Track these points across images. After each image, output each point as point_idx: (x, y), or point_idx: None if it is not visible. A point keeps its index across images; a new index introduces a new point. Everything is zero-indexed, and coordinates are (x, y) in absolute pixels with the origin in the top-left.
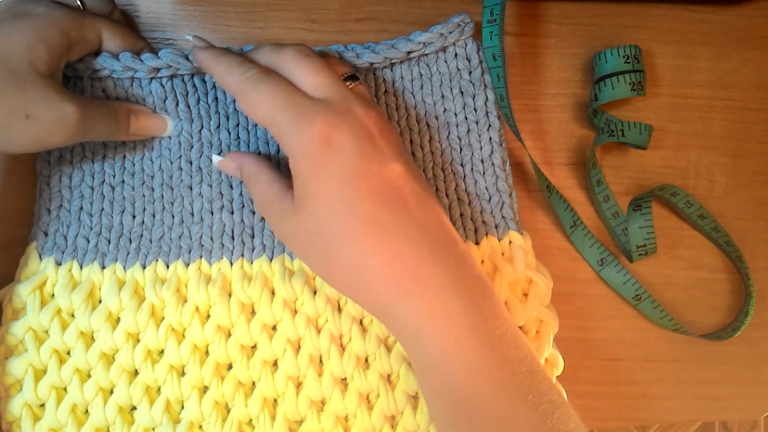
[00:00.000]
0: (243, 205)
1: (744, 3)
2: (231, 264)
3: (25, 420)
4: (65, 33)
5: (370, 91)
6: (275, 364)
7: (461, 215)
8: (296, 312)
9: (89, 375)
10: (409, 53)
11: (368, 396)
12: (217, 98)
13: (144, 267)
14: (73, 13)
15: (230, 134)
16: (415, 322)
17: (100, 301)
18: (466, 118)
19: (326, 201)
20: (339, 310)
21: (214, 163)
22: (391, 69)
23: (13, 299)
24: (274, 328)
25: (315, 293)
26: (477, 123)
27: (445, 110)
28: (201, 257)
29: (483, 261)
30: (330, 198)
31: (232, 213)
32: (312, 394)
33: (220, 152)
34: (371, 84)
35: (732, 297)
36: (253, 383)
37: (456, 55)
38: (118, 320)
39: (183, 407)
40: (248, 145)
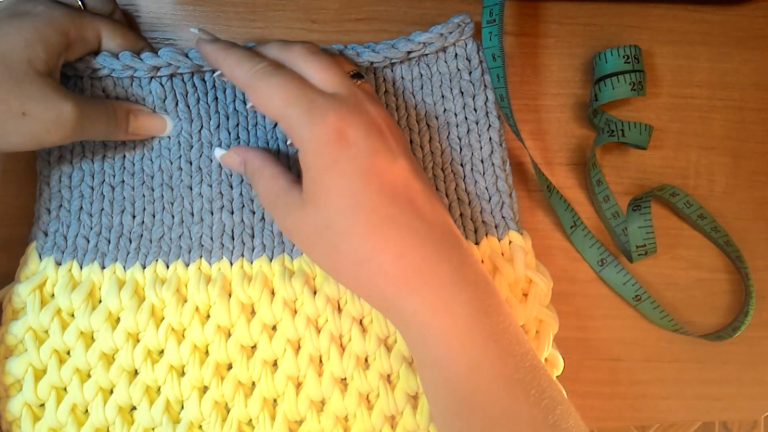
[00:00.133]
0: (243, 205)
1: (744, 3)
2: (231, 264)
3: (25, 420)
4: (64, 32)
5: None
6: (275, 364)
7: (461, 215)
8: (296, 312)
9: (89, 375)
10: (409, 53)
11: (368, 396)
12: (217, 98)
13: (144, 267)
14: (73, 13)
15: (230, 134)
16: (421, 316)
17: (100, 301)
18: (466, 118)
19: (337, 195)
20: (339, 310)
21: (217, 157)
22: (392, 69)
23: (13, 299)
24: (274, 328)
25: (315, 293)
26: (477, 123)
27: (445, 110)
28: (201, 257)
29: (483, 261)
30: (341, 192)
31: (232, 213)
32: (312, 394)
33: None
34: (371, 84)
35: (732, 297)
36: (253, 383)
37: (456, 56)
38: (118, 320)
39: (183, 407)
40: (248, 145)
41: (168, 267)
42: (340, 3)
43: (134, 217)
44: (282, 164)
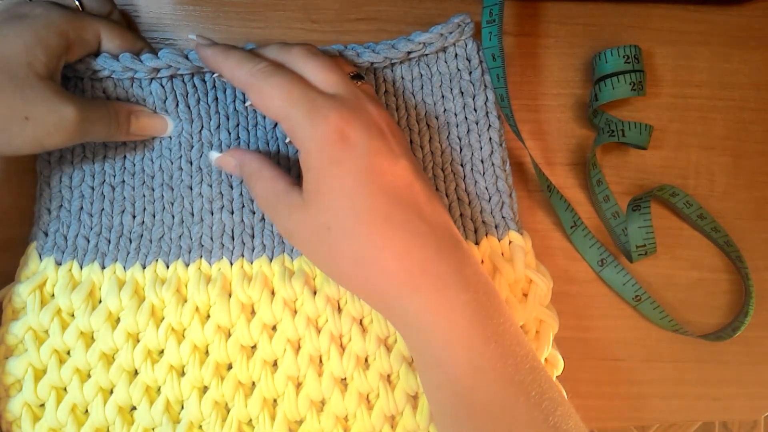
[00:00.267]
0: (243, 205)
1: (744, 3)
2: (231, 264)
3: (25, 420)
4: (63, 34)
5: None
6: (275, 364)
7: (461, 215)
8: (296, 312)
9: (89, 375)
10: (410, 53)
11: (368, 396)
12: (218, 98)
13: (144, 267)
14: (71, 14)
15: (230, 134)
16: (422, 317)
17: (100, 301)
18: (466, 119)
19: (339, 195)
20: (339, 311)
21: (212, 160)
22: (392, 69)
23: (13, 299)
24: (274, 328)
25: (315, 293)
26: (477, 123)
27: (445, 110)
28: (201, 257)
29: (483, 261)
30: (343, 193)
31: (232, 213)
32: (312, 394)
33: (220, 152)
34: (371, 84)
35: (732, 297)
36: (253, 383)
37: (456, 56)
38: (118, 320)
39: (183, 407)
40: (248, 145)
41: (168, 267)
42: (340, 3)
43: (134, 217)
44: (282, 166)
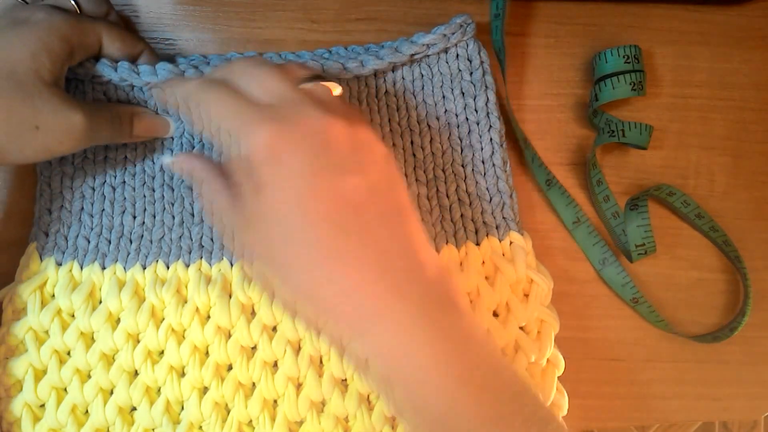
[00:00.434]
0: None
1: (744, 3)
2: (231, 265)
3: (26, 420)
4: (66, 39)
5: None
6: (275, 365)
7: (462, 216)
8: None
9: (89, 375)
10: (413, 56)
11: (368, 397)
12: None
13: (144, 268)
14: (72, 19)
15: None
16: (378, 361)
17: (101, 302)
18: (467, 119)
19: (273, 223)
20: None
21: (165, 165)
22: (393, 70)
23: (14, 299)
24: (275, 329)
25: None
26: (478, 124)
27: (446, 111)
28: (201, 258)
29: (484, 262)
30: (277, 219)
31: None
32: (312, 395)
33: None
34: (372, 85)
35: (732, 297)
36: (253, 384)
37: (457, 56)
38: (118, 321)
39: (183, 408)
40: None
41: (168, 268)
42: (340, 3)
43: (135, 218)
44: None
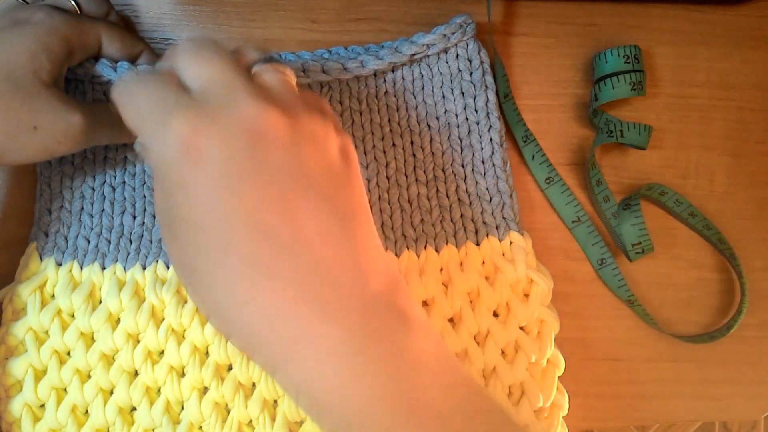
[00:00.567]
0: None
1: (744, 3)
2: None
3: (25, 420)
4: (66, 39)
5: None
6: None
7: (462, 216)
8: None
9: (89, 376)
10: (413, 56)
11: None
12: None
13: (144, 268)
14: (72, 19)
15: None
16: (306, 390)
17: (101, 302)
18: (467, 119)
19: (191, 230)
20: None
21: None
22: (392, 70)
23: (14, 300)
24: None
25: None
26: (478, 124)
27: (446, 111)
28: None
29: (484, 262)
30: (194, 226)
31: None
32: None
33: None
34: (372, 85)
35: (732, 296)
36: (253, 384)
37: (457, 56)
38: (118, 321)
39: (183, 408)
40: None
41: (168, 268)
42: (340, 3)
43: (135, 218)
44: None
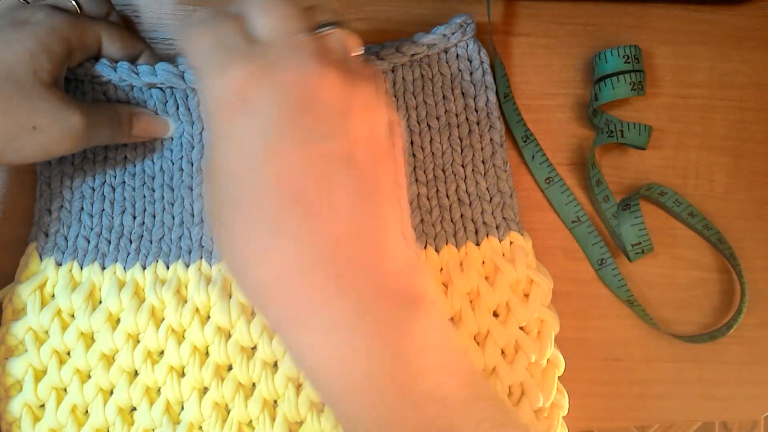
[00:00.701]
0: None
1: (744, 3)
2: None
3: (25, 420)
4: (66, 40)
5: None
6: (275, 366)
7: (462, 216)
8: None
9: (89, 376)
10: (413, 56)
11: None
12: None
13: (144, 268)
14: (72, 19)
15: None
16: (309, 358)
17: (101, 302)
18: (467, 119)
19: (226, 179)
20: None
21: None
22: (392, 70)
23: (14, 299)
24: None
25: None
26: (478, 124)
27: (446, 111)
28: (201, 258)
29: (484, 262)
30: (230, 176)
31: None
32: (312, 396)
33: None
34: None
35: (732, 297)
36: (253, 384)
37: (457, 56)
38: (118, 321)
39: (183, 408)
40: None
41: (168, 268)
42: (340, 3)
43: (135, 218)
44: None
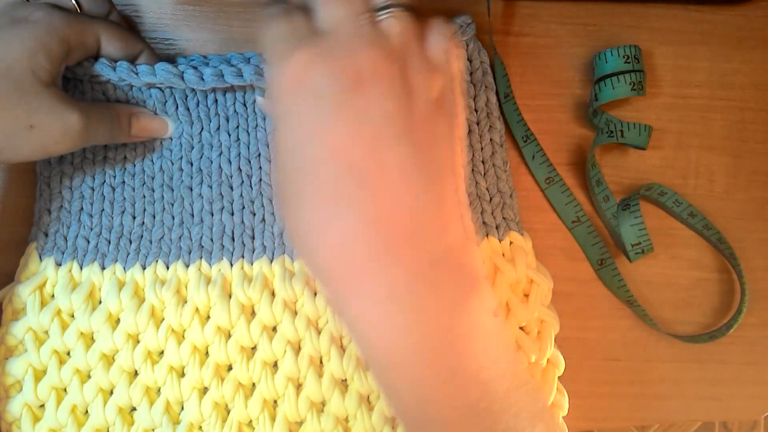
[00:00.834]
0: (243, 207)
1: (744, 3)
2: (231, 265)
3: (25, 420)
4: (64, 39)
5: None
6: (275, 366)
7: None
8: (296, 313)
9: (89, 376)
10: None
11: (368, 397)
12: (217, 101)
13: (144, 268)
14: (71, 18)
15: (230, 136)
16: (360, 323)
17: (100, 302)
18: (467, 119)
19: (289, 154)
20: None
21: (258, 103)
22: None
23: (14, 300)
24: (275, 330)
25: (315, 294)
26: (478, 124)
27: None
28: (201, 258)
29: (484, 262)
30: (292, 151)
31: (233, 214)
32: (312, 396)
33: (220, 154)
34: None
35: (732, 297)
36: (253, 384)
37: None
38: (118, 321)
39: (183, 408)
40: (248, 147)
41: (168, 268)
42: None
43: (134, 218)
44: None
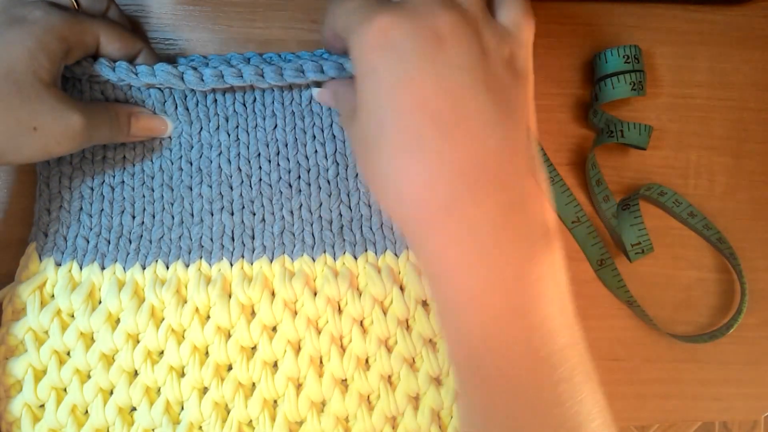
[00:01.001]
0: (243, 207)
1: (744, 3)
2: (231, 265)
3: (25, 420)
4: (64, 38)
5: None
6: (275, 365)
7: None
8: (296, 313)
9: (89, 376)
10: None
11: (369, 397)
12: (216, 100)
13: (144, 268)
14: (71, 17)
15: (230, 136)
16: (437, 261)
17: (100, 302)
18: None
19: (373, 107)
20: (339, 312)
21: (315, 96)
22: None
23: (14, 300)
24: (275, 329)
25: (315, 294)
26: None
27: None
28: (201, 258)
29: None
30: (376, 104)
31: (232, 214)
32: (312, 395)
33: (220, 153)
34: None
35: (732, 297)
36: (253, 384)
37: None
38: (118, 321)
39: (183, 408)
40: (248, 147)
41: (168, 268)
42: None
43: (134, 218)
44: (281, 168)
